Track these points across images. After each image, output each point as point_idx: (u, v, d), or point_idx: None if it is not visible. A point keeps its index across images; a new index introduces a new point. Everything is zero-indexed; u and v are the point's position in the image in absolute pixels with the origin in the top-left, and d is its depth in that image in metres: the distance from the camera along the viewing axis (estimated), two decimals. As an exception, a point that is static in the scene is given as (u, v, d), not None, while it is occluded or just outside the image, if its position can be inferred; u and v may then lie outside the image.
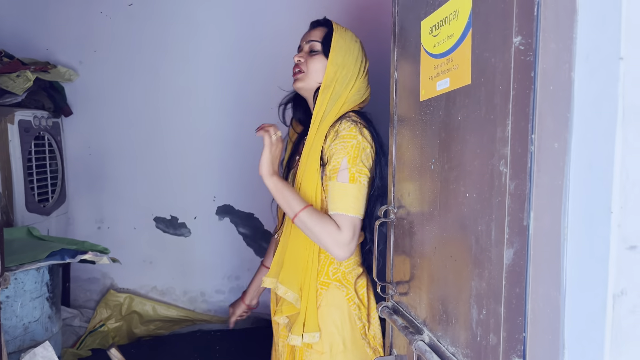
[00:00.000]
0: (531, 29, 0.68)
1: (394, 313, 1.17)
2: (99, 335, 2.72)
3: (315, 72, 1.49)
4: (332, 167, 1.38)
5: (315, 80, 1.50)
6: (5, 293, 1.73)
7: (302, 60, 1.51)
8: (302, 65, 1.51)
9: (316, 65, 1.49)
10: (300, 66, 1.51)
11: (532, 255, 0.69)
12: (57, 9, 2.81)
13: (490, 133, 0.75)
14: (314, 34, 1.54)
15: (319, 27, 1.56)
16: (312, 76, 1.50)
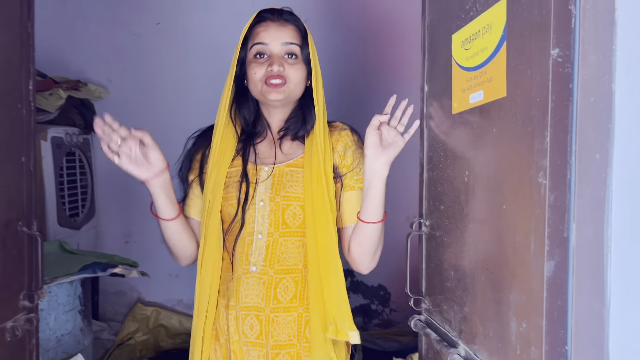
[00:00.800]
0: (569, 41, 0.69)
1: (427, 326, 1.16)
2: (126, 349, 2.75)
3: (299, 84, 1.31)
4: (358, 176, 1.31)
5: (297, 93, 1.32)
6: (40, 306, 1.77)
7: (282, 69, 1.26)
8: (284, 73, 1.27)
9: (299, 75, 1.30)
10: (281, 75, 1.27)
11: (575, 267, 0.69)
12: (88, 29, 2.89)
13: (528, 145, 0.75)
14: (285, 33, 1.30)
15: (287, 24, 1.32)
16: (296, 88, 1.31)
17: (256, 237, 1.29)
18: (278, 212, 1.29)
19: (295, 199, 1.29)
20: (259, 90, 1.29)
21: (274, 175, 1.32)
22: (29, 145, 1.20)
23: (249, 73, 1.30)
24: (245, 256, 1.30)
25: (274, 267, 1.29)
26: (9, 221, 1.12)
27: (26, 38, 1.18)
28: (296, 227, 1.30)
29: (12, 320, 1.13)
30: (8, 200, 1.13)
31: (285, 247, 1.30)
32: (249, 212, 1.29)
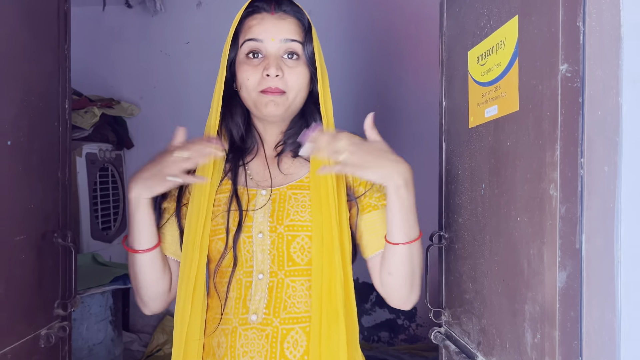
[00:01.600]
0: (577, 57, 0.71)
1: (446, 338, 1.17)
2: (155, 360, 2.81)
3: (301, 91, 1.07)
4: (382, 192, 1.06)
5: (299, 102, 1.08)
6: (73, 316, 1.83)
7: (281, 73, 1.02)
8: (282, 81, 1.03)
9: (301, 80, 1.05)
10: (278, 86, 1.02)
11: (586, 278, 0.70)
12: (121, 49, 3.01)
13: (540, 158, 0.77)
14: (285, 27, 1.05)
15: (286, 16, 1.07)
16: (297, 97, 1.06)
17: (256, 278, 1.04)
18: (282, 245, 1.04)
19: (303, 229, 1.04)
20: (252, 100, 1.05)
21: (274, 200, 1.06)
22: (65, 161, 1.27)
23: (240, 77, 1.06)
24: (242, 302, 1.04)
25: (280, 315, 1.03)
26: (45, 233, 1.18)
27: (63, 60, 1.25)
28: (305, 263, 1.05)
29: (47, 327, 1.18)
30: (45, 213, 1.20)
31: (292, 289, 1.04)
32: (245, 247, 1.04)
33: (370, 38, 2.88)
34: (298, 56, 1.06)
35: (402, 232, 0.98)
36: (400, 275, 1.01)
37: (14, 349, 1.07)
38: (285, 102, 1.04)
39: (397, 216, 0.97)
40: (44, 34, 1.19)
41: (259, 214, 1.05)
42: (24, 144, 1.10)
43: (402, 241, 0.99)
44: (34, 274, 1.15)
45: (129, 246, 1.05)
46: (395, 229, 0.98)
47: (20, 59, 1.10)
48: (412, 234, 0.99)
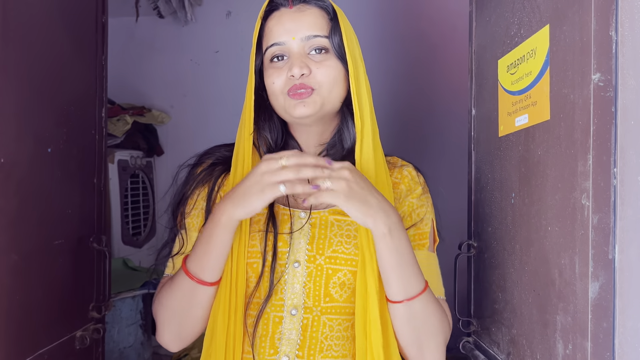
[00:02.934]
0: (610, 66, 0.70)
1: (475, 348, 1.16)
2: (183, 365, 2.84)
3: (336, 87, 0.95)
4: (416, 231, 0.98)
5: (336, 101, 0.97)
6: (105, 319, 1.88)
7: (309, 71, 0.93)
8: (309, 79, 0.93)
9: (332, 74, 0.94)
10: (305, 82, 0.92)
11: (619, 289, 0.69)
12: (152, 58, 3.08)
13: (571, 167, 0.77)
14: (305, 21, 0.95)
15: (306, 8, 0.96)
16: (332, 93, 0.95)
17: (288, 314, 0.91)
18: (320, 278, 0.92)
19: (347, 263, 0.92)
20: (281, 105, 0.96)
21: (313, 224, 0.95)
22: (100, 168, 1.31)
23: (266, 83, 0.97)
24: (271, 341, 0.91)
25: (315, 358, 0.90)
26: (81, 237, 1.22)
27: (100, 70, 1.30)
28: (344, 300, 0.93)
29: (82, 329, 1.22)
30: (81, 218, 1.24)
31: (329, 329, 0.92)
32: (276, 275, 0.92)
33: (398, 46, 2.89)
34: (326, 50, 0.95)
35: (397, 289, 0.86)
36: (402, 336, 0.90)
37: (50, 350, 1.11)
38: (316, 102, 0.93)
39: (389, 269, 0.86)
40: (82, 46, 1.23)
41: (296, 240, 0.93)
42: (63, 151, 1.14)
43: (399, 299, 0.87)
44: (71, 277, 1.19)
45: (192, 274, 0.88)
46: (390, 284, 0.87)
47: (61, 69, 1.14)
48: (411, 290, 0.86)
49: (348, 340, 0.93)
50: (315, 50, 0.95)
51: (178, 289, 0.90)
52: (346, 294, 0.93)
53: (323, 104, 0.94)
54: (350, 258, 0.92)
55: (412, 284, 0.87)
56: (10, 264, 0.97)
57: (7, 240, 0.97)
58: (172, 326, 0.92)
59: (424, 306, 0.88)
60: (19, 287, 1.00)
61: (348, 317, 0.94)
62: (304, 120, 0.96)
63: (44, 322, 1.09)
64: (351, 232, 0.95)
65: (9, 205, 0.98)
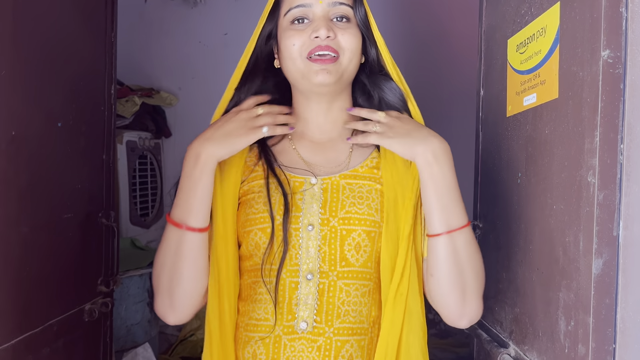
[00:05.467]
0: (619, 43, 0.70)
1: (478, 327, 1.17)
2: (189, 344, 2.87)
3: (355, 57, 0.94)
4: None
5: (352, 71, 0.95)
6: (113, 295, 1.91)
7: (334, 35, 0.90)
8: (334, 42, 0.90)
9: (354, 43, 0.93)
10: (331, 46, 0.90)
11: (622, 265, 0.69)
12: (161, 40, 3.07)
13: (578, 145, 0.77)
14: None
15: None
16: (351, 63, 0.93)
17: (304, 279, 0.89)
18: (335, 241, 0.90)
19: (361, 223, 0.90)
20: (299, 70, 0.92)
21: (325, 190, 0.93)
22: (110, 144, 1.32)
23: (283, 45, 0.94)
24: (288, 307, 0.89)
25: (334, 324, 0.88)
26: (89, 213, 1.24)
27: (110, 46, 1.30)
28: (360, 264, 0.91)
29: (91, 302, 1.24)
30: (90, 193, 1.25)
31: (346, 294, 0.90)
32: (291, 241, 0.90)
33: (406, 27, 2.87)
34: (349, 19, 0.94)
35: (439, 219, 0.86)
36: (444, 276, 0.86)
37: (60, 321, 1.13)
38: (338, 69, 0.91)
39: (432, 198, 0.86)
40: (91, 21, 1.24)
41: (308, 204, 0.91)
42: (72, 126, 1.15)
43: (441, 231, 0.86)
44: (79, 251, 1.20)
45: (177, 221, 0.87)
46: (432, 215, 0.86)
47: (70, 45, 1.15)
48: (454, 221, 0.86)
49: (365, 306, 0.91)
50: (337, 18, 0.93)
51: (165, 243, 0.89)
52: (362, 258, 0.91)
53: (343, 73, 0.93)
54: (364, 218, 0.91)
55: (455, 215, 0.86)
56: (20, 236, 0.99)
57: (18, 212, 0.98)
58: (163, 288, 0.89)
59: (467, 242, 0.87)
60: (29, 259, 1.01)
61: (365, 283, 0.91)
62: (322, 89, 0.93)
63: (54, 294, 1.11)
64: (363, 193, 0.93)
65: (20, 178, 0.99)
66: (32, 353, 1.02)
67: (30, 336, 1.01)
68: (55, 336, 1.10)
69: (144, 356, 1.86)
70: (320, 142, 1.00)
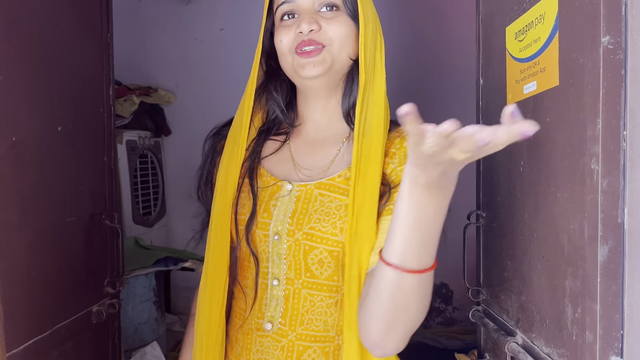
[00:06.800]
0: (619, 28, 0.70)
1: (485, 316, 1.18)
2: (196, 341, 2.89)
3: (346, 46, 0.90)
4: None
5: (345, 61, 0.92)
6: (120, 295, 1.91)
7: (318, 27, 0.88)
8: (319, 35, 0.88)
9: (343, 31, 0.89)
10: (314, 38, 0.88)
11: (628, 252, 0.69)
12: (157, 38, 3.06)
13: (580, 132, 0.76)
14: None
15: None
16: (342, 52, 0.90)
17: (271, 283, 0.91)
18: (299, 253, 0.89)
19: (322, 241, 0.87)
20: (290, 65, 0.92)
21: (299, 198, 0.91)
22: (110, 146, 1.32)
23: (275, 42, 0.94)
24: (259, 305, 0.93)
25: (296, 329, 0.90)
26: (93, 215, 1.24)
27: (106, 48, 1.30)
28: (325, 278, 0.89)
29: (98, 304, 1.24)
30: (92, 196, 1.25)
31: (311, 303, 0.90)
32: (261, 245, 0.91)
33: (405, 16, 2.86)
34: (337, 7, 0.90)
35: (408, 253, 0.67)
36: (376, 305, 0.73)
37: (68, 325, 1.13)
38: (326, 60, 0.88)
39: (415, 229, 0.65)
40: (87, 23, 1.23)
41: (280, 212, 0.91)
42: (72, 129, 1.15)
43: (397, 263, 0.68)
44: (85, 253, 1.21)
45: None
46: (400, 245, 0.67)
47: (67, 48, 1.14)
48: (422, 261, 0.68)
49: (332, 316, 0.90)
50: (326, 7, 0.90)
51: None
52: (327, 272, 0.89)
53: (333, 63, 0.90)
54: (327, 237, 0.87)
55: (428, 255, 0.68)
56: (25, 240, 0.99)
57: (21, 217, 0.98)
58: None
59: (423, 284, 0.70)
60: (34, 264, 1.02)
61: (332, 295, 0.90)
62: (313, 82, 0.92)
63: (60, 297, 1.11)
64: (332, 209, 0.88)
65: (22, 183, 0.99)
66: (41, 357, 1.03)
67: (39, 340, 1.02)
68: (63, 339, 1.11)
69: (152, 355, 1.87)
70: (314, 141, 0.99)
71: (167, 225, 3.08)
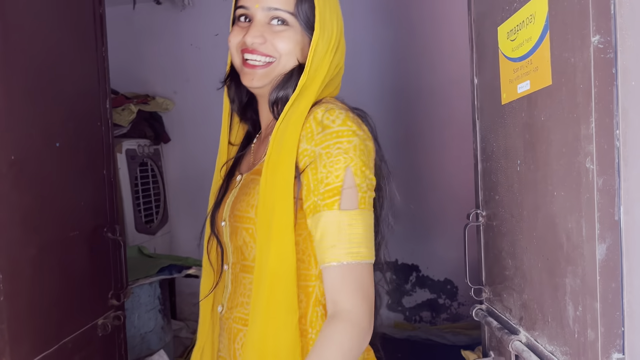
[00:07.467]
0: (609, 27, 0.70)
1: (488, 315, 1.18)
2: (204, 346, 2.90)
3: (292, 55, 0.94)
4: (325, 186, 0.82)
5: (290, 65, 0.94)
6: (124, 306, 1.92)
7: (262, 40, 0.92)
8: (265, 47, 0.92)
9: (288, 45, 0.93)
10: (258, 50, 0.92)
11: (626, 249, 0.70)
12: (152, 45, 3.07)
13: (575, 131, 0.77)
14: None
15: None
16: (287, 62, 0.94)
17: (224, 268, 0.98)
18: (234, 237, 0.94)
19: (242, 220, 0.92)
20: (237, 64, 0.97)
21: (241, 186, 0.98)
22: (109, 159, 1.32)
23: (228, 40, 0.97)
24: (220, 288, 0.99)
25: (233, 312, 0.94)
26: (95, 228, 1.25)
27: (102, 62, 1.31)
28: (252, 259, 0.91)
29: (103, 317, 1.25)
30: (93, 209, 1.26)
31: (243, 286, 0.93)
32: (221, 232, 0.98)
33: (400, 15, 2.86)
34: (286, 22, 0.93)
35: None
36: None
37: (74, 339, 1.14)
38: (268, 75, 0.93)
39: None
40: (82, 39, 1.24)
41: (230, 201, 0.97)
42: (71, 144, 1.16)
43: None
44: (88, 267, 1.21)
45: None
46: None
47: (62, 63, 1.15)
48: None
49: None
50: (277, 20, 0.93)
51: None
52: (252, 254, 0.91)
53: (276, 72, 0.94)
54: (243, 216, 0.92)
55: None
56: (28, 257, 1.00)
57: (24, 234, 0.99)
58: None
59: None
60: (38, 280, 1.02)
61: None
62: (257, 90, 0.97)
63: (66, 312, 1.12)
64: (250, 189, 0.93)
65: (23, 200, 0.99)
66: (49, 372, 1.04)
67: (46, 356, 1.02)
68: (70, 353, 1.11)
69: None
70: (265, 136, 1.02)
71: (171, 232, 3.10)
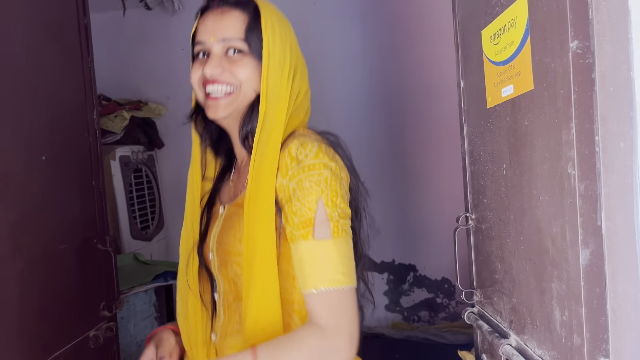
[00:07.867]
0: (587, 33, 0.70)
1: (479, 318, 1.18)
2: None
3: (251, 82, 0.96)
4: (299, 217, 0.87)
5: (250, 95, 0.98)
6: (120, 315, 1.91)
7: (220, 70, 0.95)
8: (224, 76, 0.95)
9: (245, 73, 0.96)
10: (219, 80, 0.95)
11: (608, 255, 0.70)
12: (144, 51, 3.07)
13: (556, 136, 0.77)
14: (224, 24, 0.96)
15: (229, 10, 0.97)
16: (247, 90, 0.97)
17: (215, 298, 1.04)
18: (224, 269, 0.98)
19: (232, 254, 0.96)
20: (200, 99, 1.00)
21: (226, 218, 1.00)
22: (98, 169, 1.32)
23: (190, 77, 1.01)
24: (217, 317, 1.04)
25: (227, 340, 0.98)
26: (85, 239, 1.24)
27: (88, 72, 1.30)
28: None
29: (95, 329, 1.25)
30: (83, 220, 1.25)
31: (238, 315, 0.97)
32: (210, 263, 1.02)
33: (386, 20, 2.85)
34: (242, 51, 0.96)
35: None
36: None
37: (65, 352, 1.14)
38: (231, 104, 0.97)
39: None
40: (68, 51, 1.23)
41: (215, 230, 1.01)
42: (58, 156, 1.16)
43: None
44: (78, 279, 1.21)
45: None
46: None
47: (47, 76, 1.14)
48: None
49: None
50: (233, 50, 0.96)
51: None
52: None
53: (238, 101, 0.97)
54: (231, 250, 0.96)
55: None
56: (16, 272, 1.00)
57: (11, 249, 0.99)
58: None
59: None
60: (27, 294, 1.02)
61: None
62: (221, 121, 1.00)
63: (56, 325, 1.11)
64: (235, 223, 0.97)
65: (10, 215, 0.99)
66: (40, 387, 1.03)
67: (36, 371, 1.02)
68: (62, 367, 1.11)
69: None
70: (242, 166, 1.06)
71: (167, 238, 3.09)
